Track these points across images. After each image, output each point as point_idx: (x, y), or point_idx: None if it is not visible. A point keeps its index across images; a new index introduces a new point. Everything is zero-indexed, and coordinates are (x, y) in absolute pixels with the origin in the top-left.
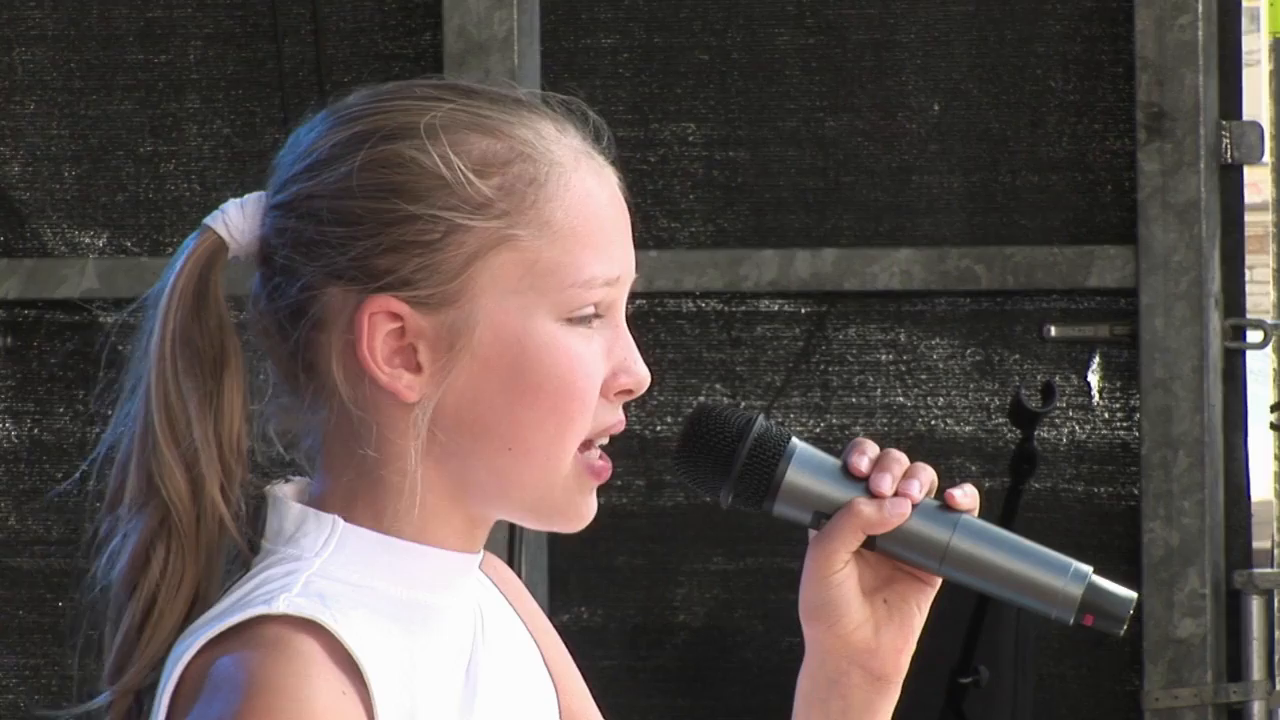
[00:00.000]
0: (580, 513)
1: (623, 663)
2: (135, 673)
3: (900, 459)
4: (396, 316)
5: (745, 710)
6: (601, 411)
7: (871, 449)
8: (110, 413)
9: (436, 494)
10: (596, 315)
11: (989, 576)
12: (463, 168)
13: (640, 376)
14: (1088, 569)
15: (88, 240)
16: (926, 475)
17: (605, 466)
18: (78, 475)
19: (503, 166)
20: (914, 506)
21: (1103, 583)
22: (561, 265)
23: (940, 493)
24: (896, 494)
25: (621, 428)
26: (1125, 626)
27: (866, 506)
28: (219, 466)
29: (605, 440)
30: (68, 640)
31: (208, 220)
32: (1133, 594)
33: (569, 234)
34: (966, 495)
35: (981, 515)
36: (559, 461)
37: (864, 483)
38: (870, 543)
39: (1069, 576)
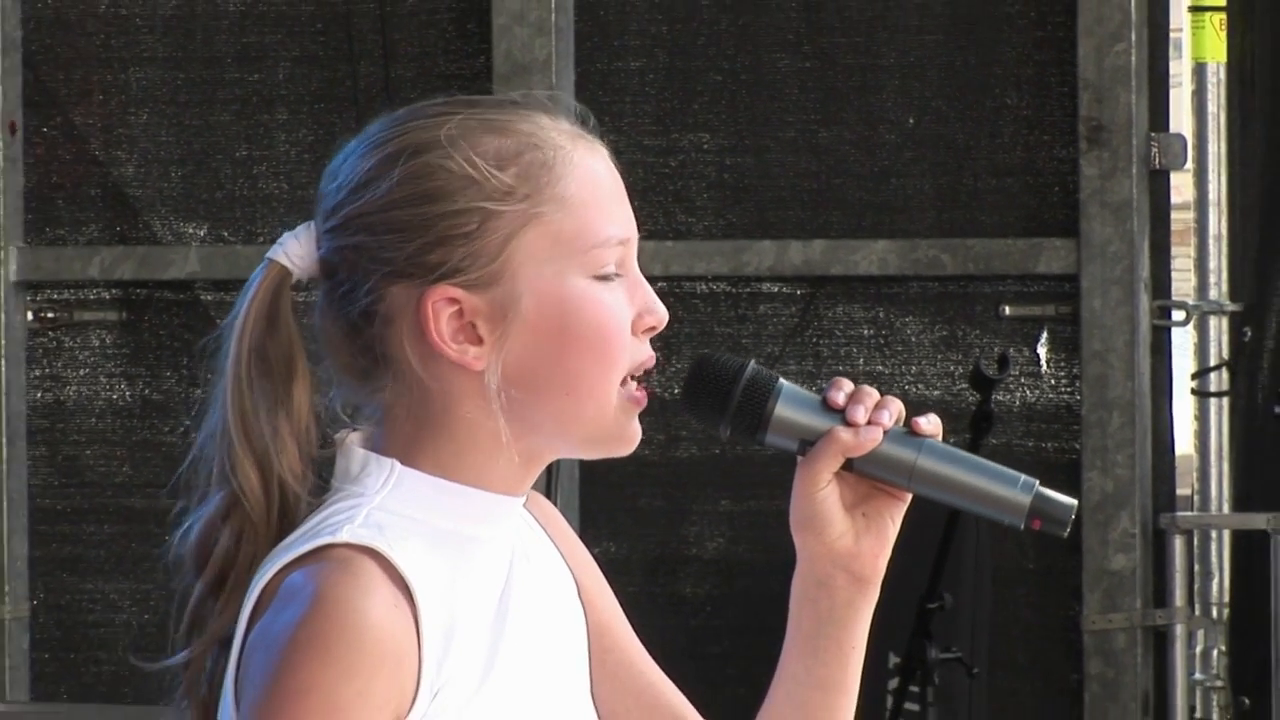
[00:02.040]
0: (629, 436)
1: (644, 589)
2: (208, 636)
3: (872, 393)
4: (454, 301)
5: (746, 629)
6: (634, 349)
7: (847, 385)
8: (209, 375)
9: (493, 443)
10: (616, 273)
11: (951, 490)
12: (484, 165)
13: (660, 314)
14: (1034, 480)
15: (191, 230)
16: (895, 406)
17: (644, 395)
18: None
19: (516, 157)
20: (885, 433)
21: (1047, 492)
22: (580, 232)
23: (907, 421)
24: (869, 422)
25: (652, 361)
26: (1067, 530)
27: (844, 433)
28: (293, 454)
29: (640, 374)
30: (170, 577)
31: (270, 254)
32: (1073, 501)
33: (581, 204)
34: (929, 422)
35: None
36: (608, 396)
37: (842, 414)
38: (849, 464)
39: (1019, 487)
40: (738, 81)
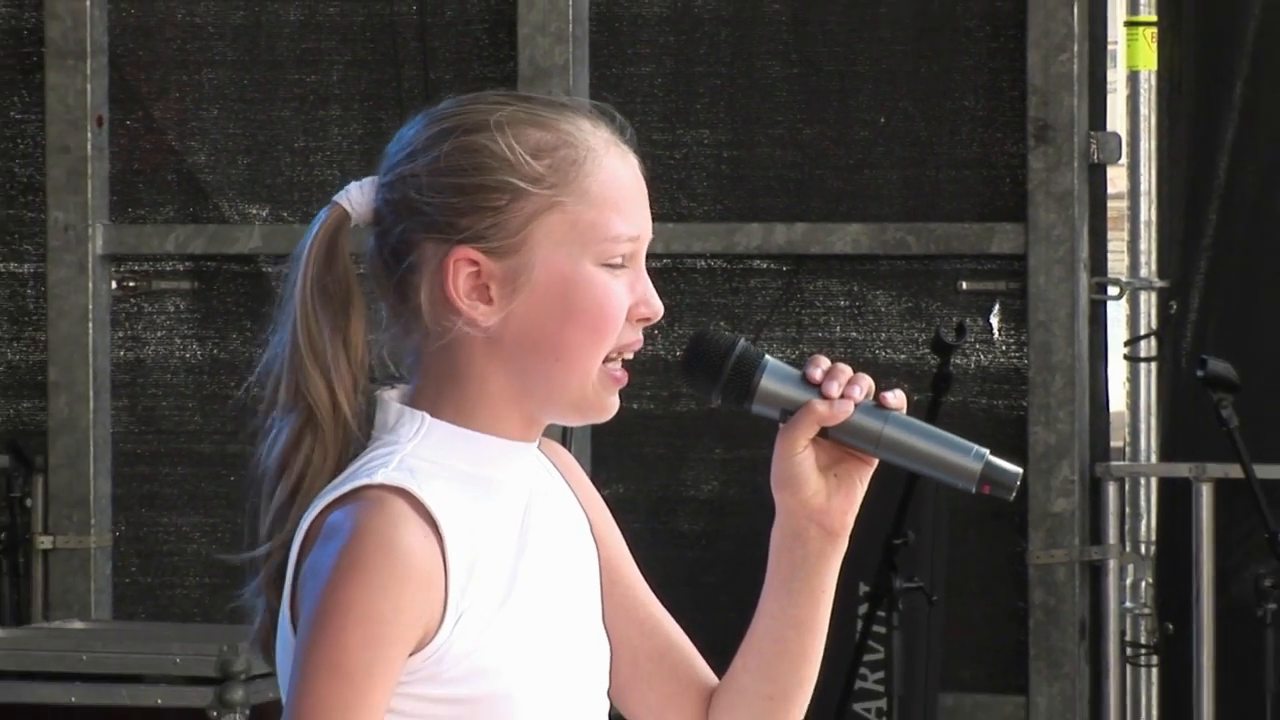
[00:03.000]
0: (605, 407)
1: (647, 526)
2: (287, 530)
3: (845, 370)
4: (474, 262)
5: (736, 561)
6: (625, 332)
7: (824, 363)
8: (270, 339)
9: (502, 396)
10: (623, 264)
11: (912, 457)
12: (521, 152)
13: (656, 307)
14: (985, 450)
15: (254, 211)
16: (866, 382)
17: (623, 376)
18: (244, 388)
19: (551, 151)
20: (856, 406)
21: (996, 461)
22: (596, 224)
23: (876, 395)
24: (843, 396)
25: (639, 346)
26: (1013, 495)
27: (821, 405)
28: (349, 378)
29: (628, 356)
30: (239, 505)
31: (335, 197)
32: (1019, 469)
33: (601, 202)
34: (895, 397)
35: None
36: (590, 368)
37: (819, 388)
38: (823, 432)
39: (971, 456)
40: (734, 85)
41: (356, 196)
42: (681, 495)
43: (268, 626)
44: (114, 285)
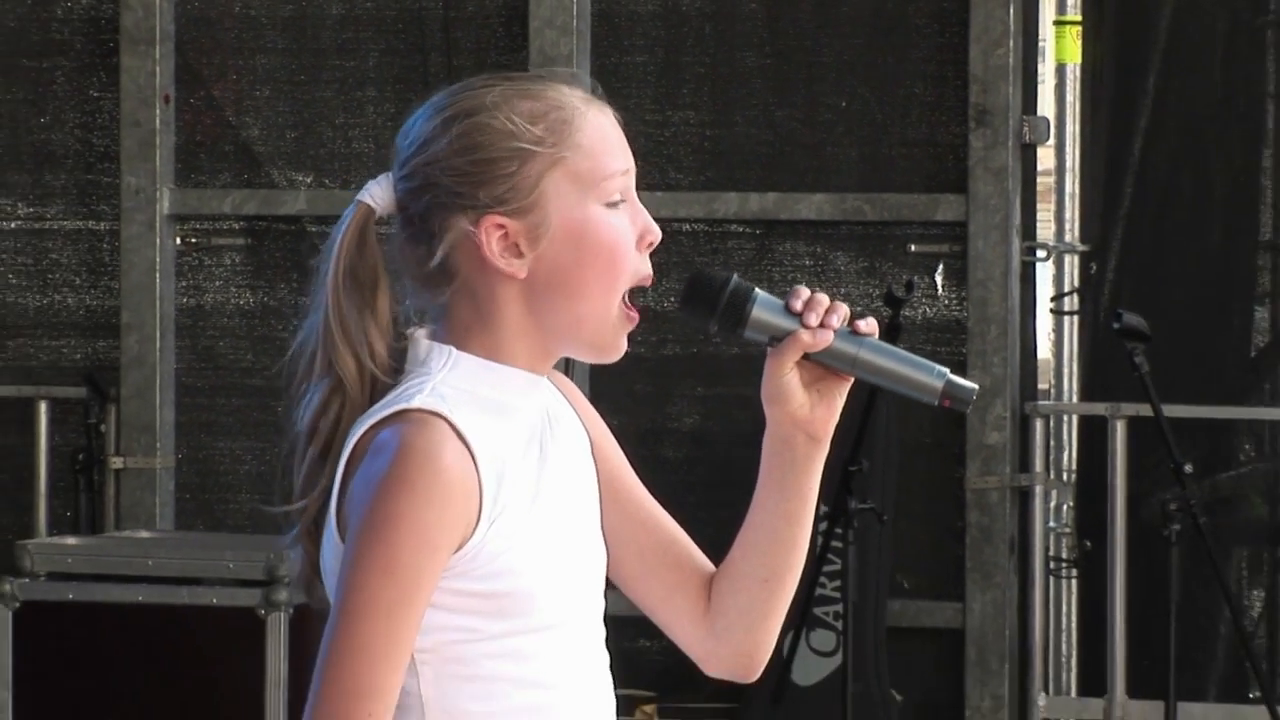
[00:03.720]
0: (618, 347)
1: (636, 453)
2: (320, 490)
3: (824, 299)
4: (501, 226)
5: (713, 485)
6: (637, 261)
7: (805, 293)
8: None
9: (525, 333)
10: (621, 200)
11: (884, 375)
12: (520, 121)
13: (656, 231)
14: (946, 370)
15: (300, 178)
16: (843, 310)
17: (636, 315)
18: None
19: (544, 116)
20: (835, 332)
21: (955, 378)
22: (593, 170)
23: (851, 322)
24: (823, 324)
25: (651, 278)
26: (970, 407)
27: (805, 333)
28: (379, 347)
29: (646, 285)
30: (279, 447)
31: (359, 196)
32: (975, 385)
33: (593, 150)
34: (868, 324)
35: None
36: (611, 303)
37: (801, 316)
38: (807, 355)
39: (934, 374)
40: (715, 73)
41: (377, 192)
42: (666, 427)
43: (308, 572)
44: (178, 241)
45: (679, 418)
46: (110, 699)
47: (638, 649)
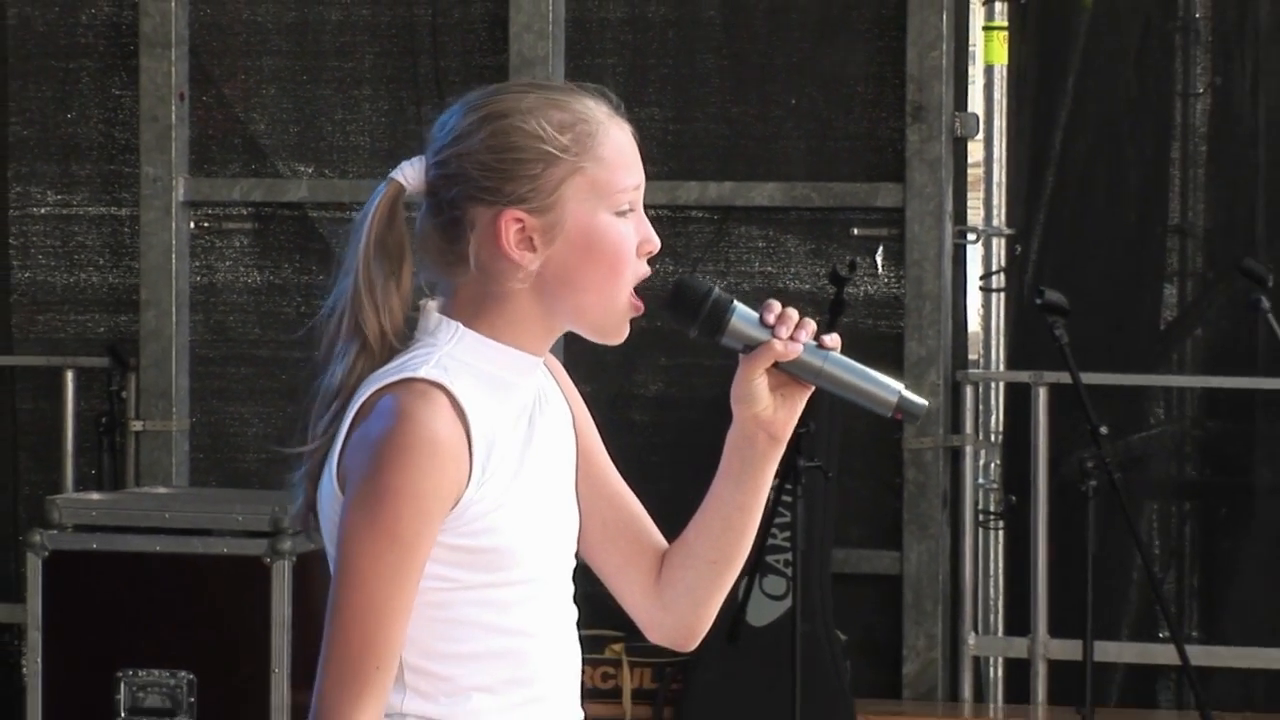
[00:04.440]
0: (622, 332)
1: (606, 417)
2: (329, 436)
3: (794, 315)
4: (519, 220)
5: (675, 445)
6: (637, 265)
7: (777, 308)
8: (314, 268)
9: (531, 318)
10: (630, 210)
11: (843, 388)
12: (550, 129)
13: (655, 242)
14: (901, 386)
15: (302, 169)
16: (811, 326)
17: (639, 304)
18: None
19: (571, 127)
20: (803, 345)
21: (909, 395)
22: (610, 181)
23: (818, 337)
24: (792, 338)
25: (648, 275)
26: (919, 421)
27: (778, 345)
28: (399, 310)
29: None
30: (289, 398)
31: (393, 174)
32: (925, 402)
33: (611, 163)
34: (833, 340)
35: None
36: (617, 296)
37: (773, 329)
38: (776, 364)
39: (889, 390)
40: (677, 74)
41: (410, 173)
42: (633, 393)
43: (304, 510)
44: (192, 225)
45: (645, 385)
46: (130, 639)
47: (606, 592)
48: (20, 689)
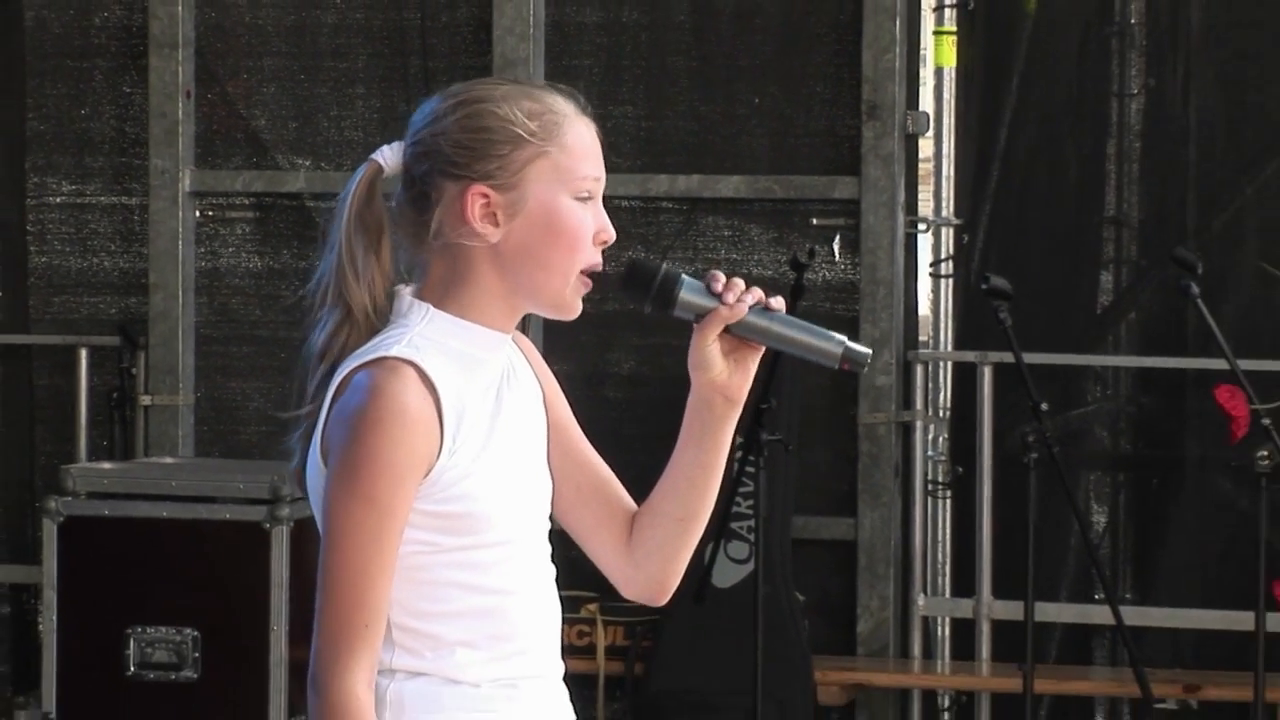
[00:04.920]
0: (575, 308)
1: (583, 393)
2: (319, 402)
3: (739, 283)
4: (485, 195)
5: (647, 419)
6: (590, 253)
7: (722, 277)
8: (311, 254)
9: (496, 294)
10: (589, 198)
11: (790, 344)
12: (520, 115)
13: (611, 233)
14: (844, 338)
15: (300, 161)
16: (756, 291)
17: (589, 281)
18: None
19: (540, 115)
20: (749, 309)
21: (853, 345)
22: (572, 168)
23: (764, 302)
24: (739, 302)
25: (600, 265)
26: (865, 369)
27: (724, 309)
28: (379, 283)
29: (593, 269)
30: (288, 375)
31: (372, 155)
32: (869, 350)
33: (574, 152)
34: (777, 302)
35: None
36: (568, 277)
37: (720, 297)
38: (726, 329)
39: (834, 343)
40: (649, 75)
41: (388, 155)
42: (608, 371)
43: (301, 466)
44: (197, 214)
45: (619, 364)
46: (139, 598)
47: (582, 557)
48: (37, 645)
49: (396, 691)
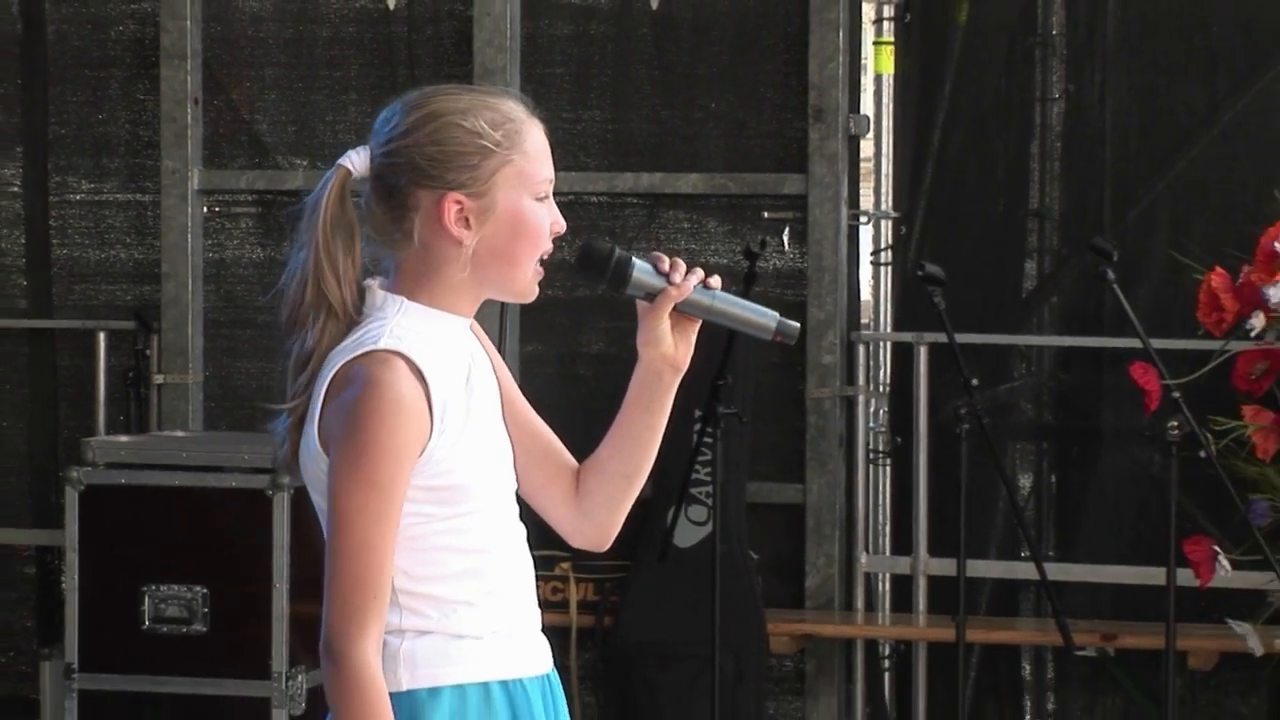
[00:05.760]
0: (533, 293)
1: (555, 372)
2: (308, 395)
3: (682, 264)
4: (459, 203)
5: (615, 395)
6: (547, 243)
7: (667, 260)
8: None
9: (464, 286)
10: (545, 197)
11: (730, 319)
12: (486, 128)
13: (562, 224)
14: (777, 314)
15: (299, 161)
16: (699, 272)
17: (541, 271)
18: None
19: (503, 125)
20: (693, 286)
21: (785, 321)
22: (532, 173)
23: (705, 280)
24: (685, 281)
25: (551, 251)
26: (794, 341)
27: (673, 289)
28: (352, 280)
29: (545, 257)
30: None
31: (340, 161)
32: (797, 324)
33: (533, 157)
34: (715, 280)
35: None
36: (528, 269)
37: (668, 277)
38: (673, 307)
39: (769, 317)
40: (615, 82)
41: (356, 160)
42: (579, 352)
43: (289, 455)
44: (205, 210)
45: (589, 344)
46: (152, 559)
47: None
48: (60, 601)
49: (409, 649)
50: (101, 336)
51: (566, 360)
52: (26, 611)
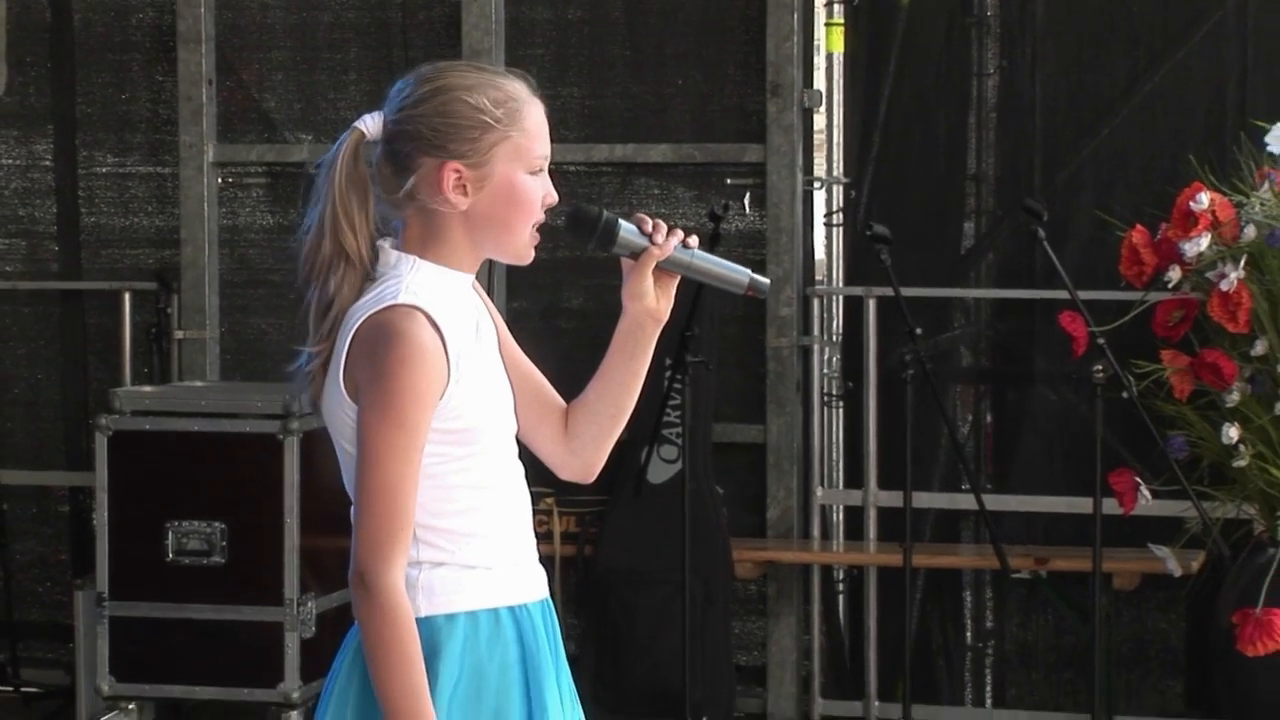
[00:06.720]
0: (530, 256)
1: (541, 326)
2: (330, 342)
3: (664, 225)
4: (458, 171)
5: (597, 346)
6: (539, 213)
7: (649, 220)
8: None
9: (465, 246)
10: (540, 171)
11: (707, 275)
12: (488, 104)
13: (555, 196)
14: (750, 270)
15: (304, 136)
16: (678, 231)
17: (537, 237)
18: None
19: (505, 103)
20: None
21: (758, 276)
22: (529, 148)
23: (684, 239)
24: (666, 240)
25: (543, 220)
26: (766, 295)
27: (655, 248)
28: (366, 235)
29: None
30: (300, 314)
31: (355, 124)
32: (769, 280)
33: (531, 134)
34: (693, 239)
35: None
36: (524, 233)
37: (650, 237)
38: (656, 264)
39: (742, 274)
40: (591, 62)
41: (370, 123)
42: (561, 307)
43: (318, 391)
44: (220, 180)
45: (570, 300)
46: (175, 498)
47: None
48: (91, 537)
49: (427, 579)
50: (126, 296)
51: (549, 314)
52: (61, 546)
